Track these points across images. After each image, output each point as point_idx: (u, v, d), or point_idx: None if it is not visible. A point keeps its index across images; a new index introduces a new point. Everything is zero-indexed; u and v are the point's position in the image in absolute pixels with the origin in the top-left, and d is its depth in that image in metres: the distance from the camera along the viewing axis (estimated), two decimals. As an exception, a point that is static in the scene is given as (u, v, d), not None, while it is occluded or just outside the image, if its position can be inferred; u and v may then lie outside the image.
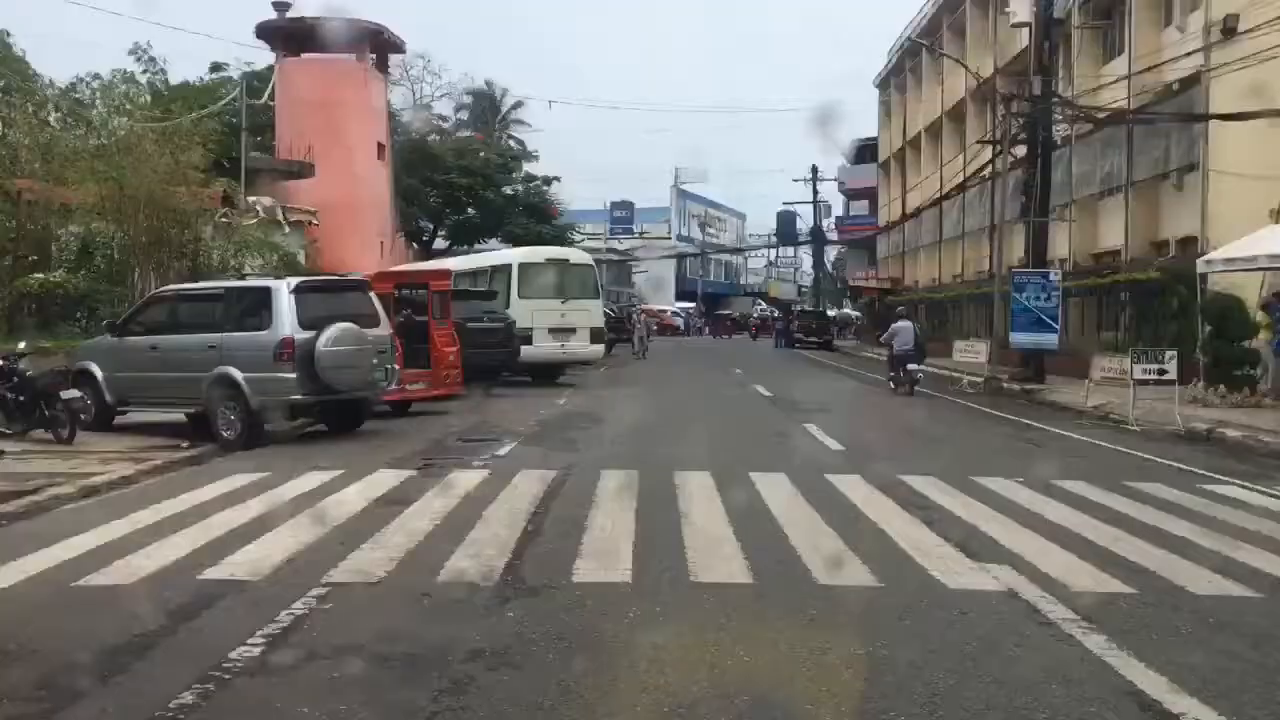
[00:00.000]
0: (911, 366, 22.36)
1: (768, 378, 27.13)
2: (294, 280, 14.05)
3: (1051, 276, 24.99)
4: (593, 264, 26.79)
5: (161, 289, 16.28)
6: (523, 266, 24.64)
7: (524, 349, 22.64)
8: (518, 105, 63.91)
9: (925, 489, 10.01)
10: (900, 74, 54.86)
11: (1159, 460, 12.83)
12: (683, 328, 69.55)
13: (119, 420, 15.32)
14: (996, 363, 25.13)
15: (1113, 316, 28.11)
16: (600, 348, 25.82)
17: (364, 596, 6.20)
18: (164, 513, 8.85)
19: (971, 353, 24.40)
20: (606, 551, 7.26)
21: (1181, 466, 12.34)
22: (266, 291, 13.98)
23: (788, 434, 14.79)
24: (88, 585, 6.47)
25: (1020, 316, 24.82)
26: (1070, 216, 29.98)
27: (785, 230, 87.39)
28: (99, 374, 15.16)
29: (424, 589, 6.31)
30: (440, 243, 52.16)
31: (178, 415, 14.83)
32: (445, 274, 19.66)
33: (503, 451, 12.71)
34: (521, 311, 23.32)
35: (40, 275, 18.24)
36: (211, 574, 6.62)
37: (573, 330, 24.37)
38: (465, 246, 49.01)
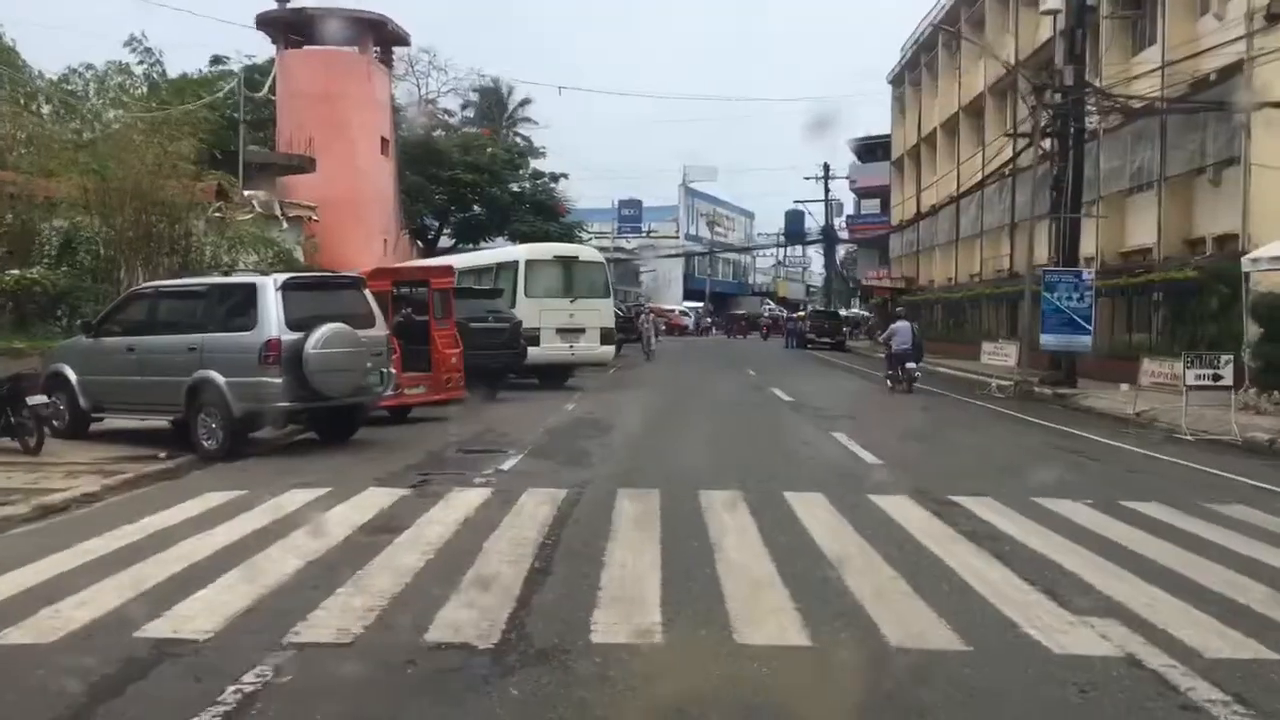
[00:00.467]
0: (909, 365, 22.80)
1: (784, 380, 25.98)
2: (281, 276, 12.89)
3: (1085, 276, 23.80)
4: (603, 261, 25.56)
5: (140, 285, 15.15)
6: (529, 264, 23.38)
7: (530, 350, 21.45)
8: (525, 103, 62.86)
9: (985, 513, 8.84)
10: (915, 69, 53.61)
11: (1228, 476, 11.66)
12: (692, 327, 68.37)
13: (96, 427, 14.25)
14: (1025, 366, 23.90)
15: (1143, 318, 26.91)
16: (611, 349, 24.60)
17: (333, 663, 5.02)
18: (119, 541, 7.71)
19: (1001, 355, 23.21)
20: (630, 598, 6.08)
21: (1256, 484, 11.19)
22: (251, 289, 12.83)
23: (816, 444, 13.61)
24: None
25: (1051, 317, 23.64)
26: (1097, 213, 28.73)
27: (793, 229, 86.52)
28: (73, 377, 14.05)
29: (408, 653, 5.13)
30: (445, 241, 51.00)
31: (160, 422, 13.64)
32: (447, 270, 18.46)
33: (507, 465, 11.54)
34: (528, 311, 22.12)
35: (16, 271, 17.10)
36: (152, 630, 5.45)
37: (581, 331, 23.17)
38: (471, 245, 47.82)
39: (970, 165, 43.16)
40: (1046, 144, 26.25)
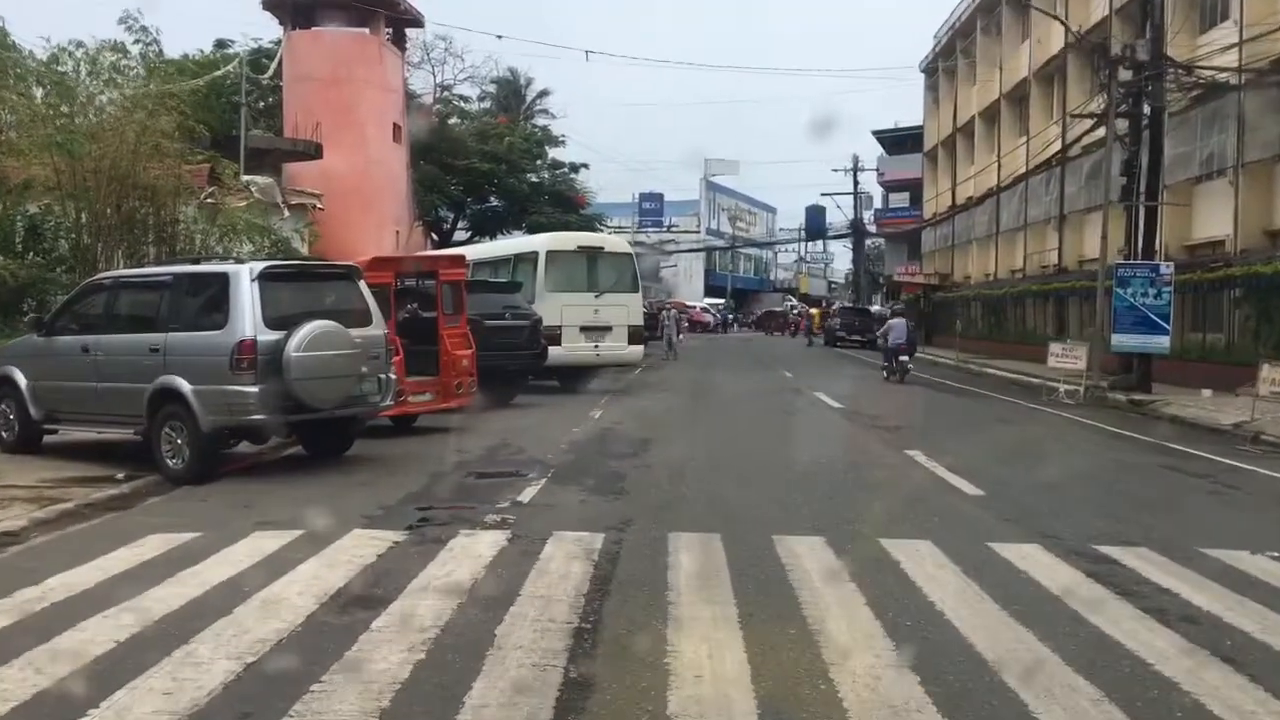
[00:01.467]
0: (903, 358, 25.22)
1: (824, 383, 23.85)
2: (258, 265, 10.80)
3: (1163, 270, 21.53)
4: (631, 253, 23.31)
5: (99, 275, 13.12)
6: (551, 255, 21.15)
7: (551, 351, 19.34)
8: (543, 94, 60.86)
9: (1157, 574, 6.71)
10: (950, 57, 51.27)
11: None
12: (715, 323, 66.21)
13: (55, 439, 12.29)
14: (1097, 369, 21.66)
15: (1215, 316, 24.61)
16: (639, 349, 22.38)
17: None
18: (4, 616, 5.68)
19: (1070, 357, 20.96)
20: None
21: None
22: (222, 279, 10.75)
23: (894, 467, 11.44)
24: None
25: (1124, 315, 21.41)
26: (1161, 200, 26.44)
27: (814, 225, 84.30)
28: (22, 383, 12.08)
29: None
30: (461, 234, 48.94)
31: (123, 434, 11.58)
32: (459, 260, 16.32)
33: (526, 495, 9.43)
34: (549, 307, 19.96)
35: (-31, 261, 15.16)
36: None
37: (608, 329, 21.00)
38: (487, 237, 45.73)
39: (1012, 155, 40.96)
40: (1103, 129, 24.04)
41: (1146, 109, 22.43)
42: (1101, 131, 27.40)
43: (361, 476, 10.66)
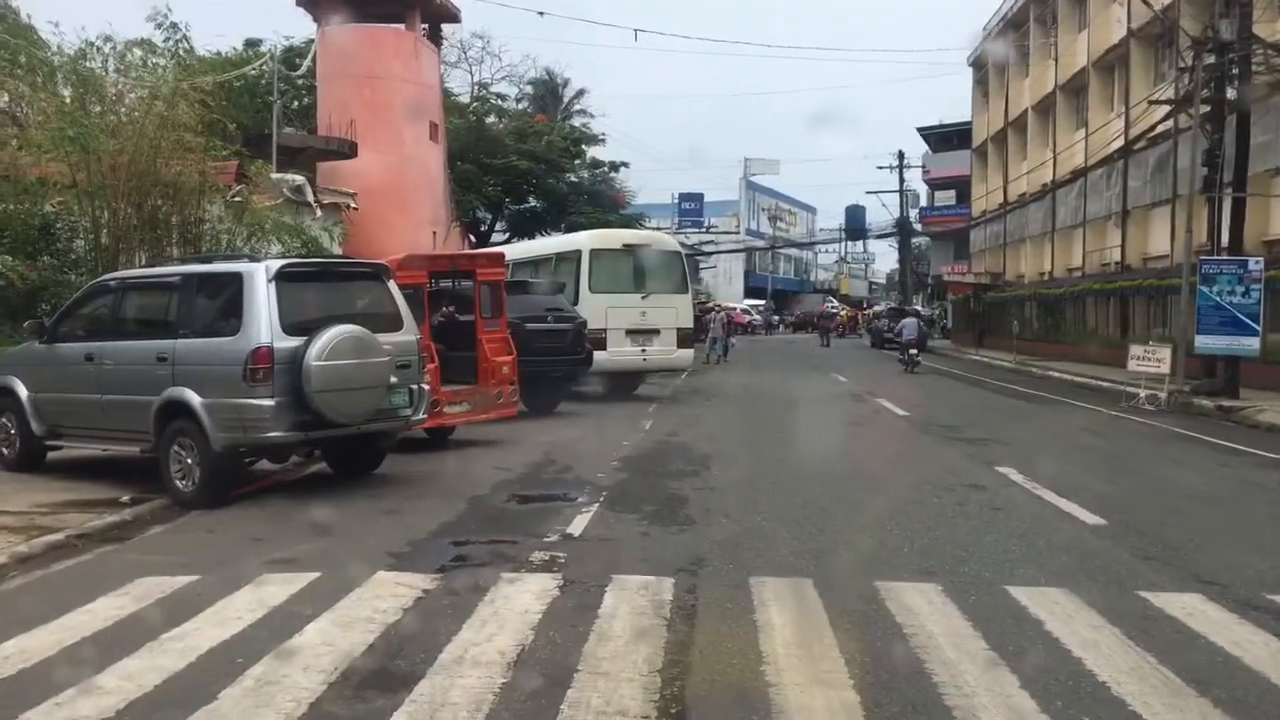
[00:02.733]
0: (912, 351, 30.26)
1: (882, 388, 22.50)
2: (275, 264, 9.64)
3: (1252, 266, 19.96)
4: (680, 250, 22.01)
5: (106, 276, 12.02)
6: (595, 253, 19.86)
7: (595, 355, 18.11)
8: (580, 94, 59.78)
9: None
10: (1000, 50, 49.54)
11: None
12: (760, 325, 64.78)
13: (60, 455, 11.24)
14: (1181, 373, 20.14)
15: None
16: (689, 353, 21.05)
17: None
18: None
19: (1152, 360, 19.46)
20: None
21: None
22: (235, 279, 9.59)
23: (991, 489, 10.04)
24: None
25: (1208, 315, 19.88)
26: (1251, 192, 24.78)
27: (854, 224, 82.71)
28: (24, 394, 11.03)
29: None
30: (499, 235, 47.86)
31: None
32: (498, 259, 15.11)
33: (578, 526, 8.19)
34: (593, 308, 18.71)
35: (-26, 262, 14.13)
36: None
37: (656, 332, 19.71)
38: (526, 239, 44.60)
39: (1069, 149, 39.30)
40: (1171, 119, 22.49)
41: (1231, 93, 20.90)
42: (1169, 122, 25.87)
43: (389, 501, 9.47)
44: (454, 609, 5.85)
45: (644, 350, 19.60)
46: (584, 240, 21.00)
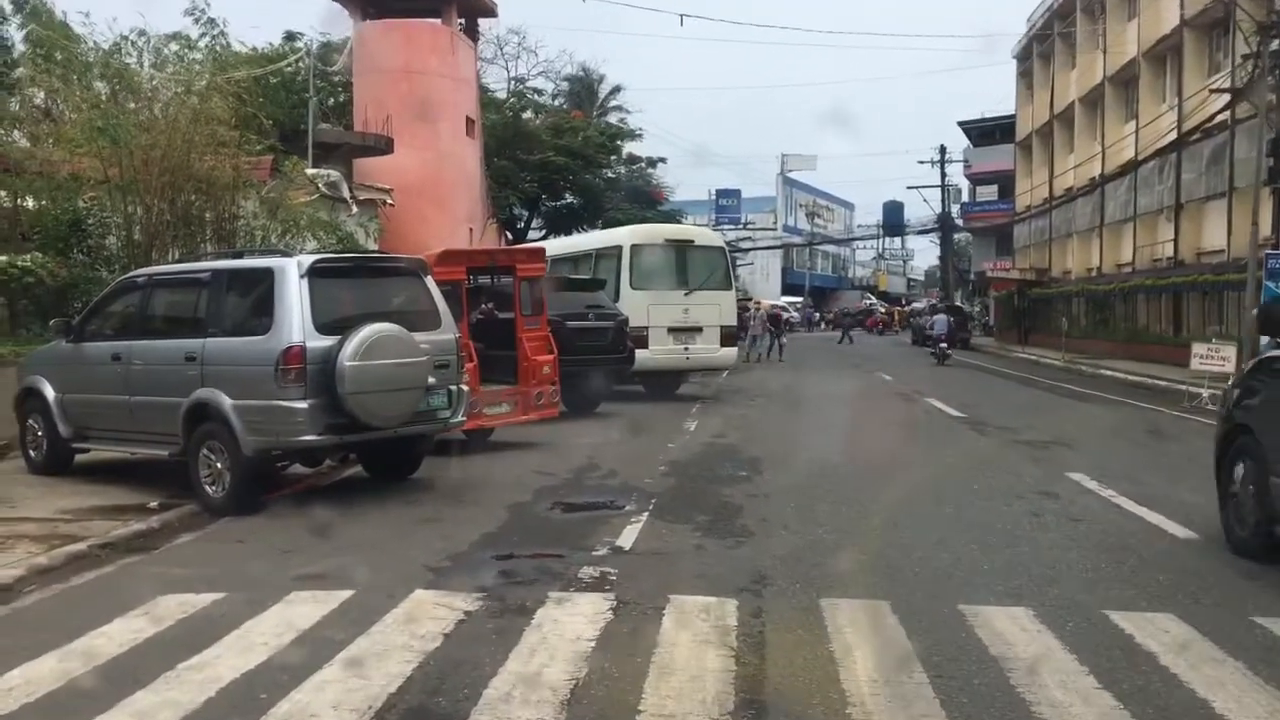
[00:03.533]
0: (943, 345, 32.46)
1: (929, 387, 21.84)
2: (307, 259, 9.18)
3: (1322, 260, 19.15)
4: (723, 246, 21.39)
5: (134, 272, 11.63)
6: (636, 249, 19.27)
7: (638, 354, 17.57)
8: (616, 90, 59.19)
9: None
10: (1045, 41, 48.54)
11: None
12: (799, 323, 63.96)
13: (88, 458, 10.87)
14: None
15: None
16: (733, 351, 20.44)
17: None
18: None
19: (1216, 359, 18.67)
20: None
21: None
22: (266, 275, 9.15)
23: (1066, 498, 9.36)
24: None
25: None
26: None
27: (891, 220, 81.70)
28: (50, 395, 10.65)
29: None
30: (535, 232, 47.44)
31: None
32: (538, 254, 14.60)
33: (628, 538, 7.66)
34: (634, 306, 18.15)
35: (3, 258, 13.74)
36: None
37: (698, 330, 19.12)
38: (562, 235, 44.14)
39: (1118, 142, 38.31)
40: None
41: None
42: (1226, 113, 25.03)
43: (427, 509, 8.99)
44: (499, 635, 5.34)
45: (686, 348, 19.04)
46: (625, 235, 20.45)
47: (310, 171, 23.28)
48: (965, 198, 69.99)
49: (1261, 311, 8.46)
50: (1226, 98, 25.85)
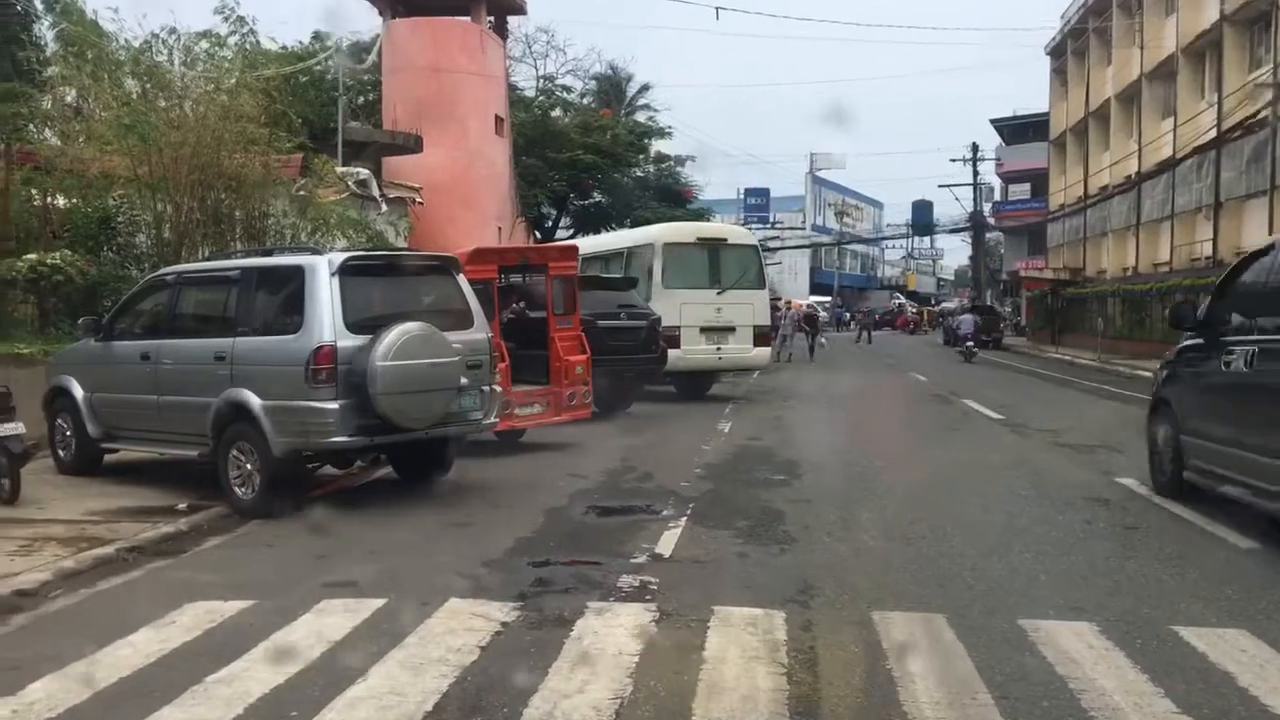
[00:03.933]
0: (969, 343, 33.79)
1: (965, 388, 21.50)
2: (338, 256, 9.00)
3: (1372, 259, 18.62)
4: (756, 244, 21.08)
5: (163, 270, 11.49)
6: (667, 247, 19.04)
7: (670, 354, 17.33)
8: (644, 89, 58.94)
9: None
10: (1080, 37, 47.92)
11: None
12: (828, 322, 63.49)
13: (117, 458, 10.74)
14: None
15: None
16: (765, 351, 20.15)
17: None
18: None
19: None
20: None
21: None
22: (297, 273, 8.97)
23: (1119, 504, 9.04)
24: None
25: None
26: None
27: (920, 220, 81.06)
28: (79, 395, 10.53)
29: None
30: (563, 231, 47.28)
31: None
32: (571, 252, 14.37)
33: (667, 544, 7.42)
34: (666, 305, 17.89)
35: (32, 256, 13.66)
36: None
37: (731, 329, 18.86)
38: (591, 234, 43.93)
39: (1156, 140, 37.71)
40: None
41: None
42: (1269, 110, 24.50)
43: (460, 512, 8.78)
44: (537, 648, 5.11)
45: (719, 348, 18.78)
46: (656, 234, 20.21)
47: (340, 170, 23.16)
48: (997, 196, 69.35)
49: (1172, 311, 9.73)
50: (1269, 94, 25.38)
